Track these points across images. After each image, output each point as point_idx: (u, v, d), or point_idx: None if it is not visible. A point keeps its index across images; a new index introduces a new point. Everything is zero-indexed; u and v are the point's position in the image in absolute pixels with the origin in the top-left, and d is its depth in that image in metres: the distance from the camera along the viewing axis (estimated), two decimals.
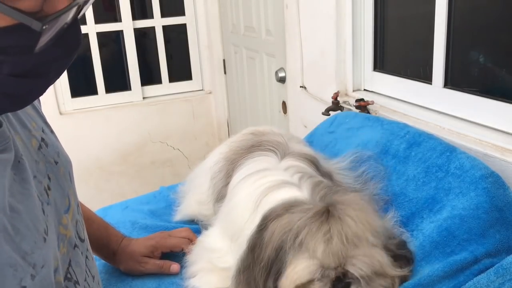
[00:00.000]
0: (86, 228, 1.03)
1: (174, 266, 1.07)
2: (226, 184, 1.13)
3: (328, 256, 0.80)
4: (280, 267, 0.83)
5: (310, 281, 0.82)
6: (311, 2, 1.86)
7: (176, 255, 1.11)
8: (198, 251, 1.05)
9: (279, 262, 0.84)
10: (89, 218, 1.04)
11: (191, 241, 1.11)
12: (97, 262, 1.13)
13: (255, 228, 0.90)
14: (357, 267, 0.80)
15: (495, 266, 0.84)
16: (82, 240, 0.78)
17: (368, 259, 0.81)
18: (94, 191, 3.01)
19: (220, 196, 1.14)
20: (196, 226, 1.24)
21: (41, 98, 0.70)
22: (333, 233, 0.81)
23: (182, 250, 1.09)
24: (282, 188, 0.96)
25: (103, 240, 1.06)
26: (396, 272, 0.85)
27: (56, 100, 2.83)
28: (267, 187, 0.97)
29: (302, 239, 0.82)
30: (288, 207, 0.89)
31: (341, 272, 0.81)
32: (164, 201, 1.46)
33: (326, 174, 1.11)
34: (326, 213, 0.84)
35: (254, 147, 1.15)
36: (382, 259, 0.83)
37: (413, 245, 0.94)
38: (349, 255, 0.81)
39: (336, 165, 1.22)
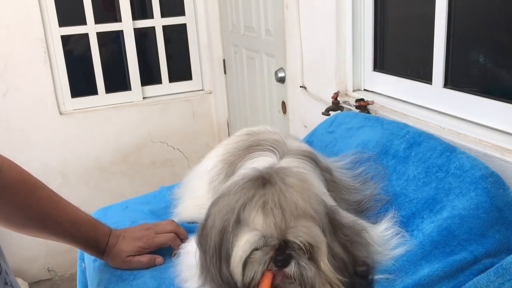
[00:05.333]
0: (74, 233, 1.05)
1: (159, 260, 1.10)
2: None
3: (268, 227, 0.79)
4: (228, 248, 0.82)
5: (254, 251, 0.80)
6: (311, 2, 1.86)
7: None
8: (182, 258, 1.05)
9: (226, 244, 0.82)
10: (76, 223, 1.05)
11: (177, 234, 1.13)
12: (97, 262, 1.14)
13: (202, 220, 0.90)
14: (298, 237, 0.78)
15: (495, 266, 0.84)
16: None
17: (307, 230, 0.79)
18: (94, 191, 3.01)
19: None
20: (196, 226, 1.24)
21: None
22: (270, 202, 0.79)
23: (170, 246, 1.12)
24: (258, 157, 0.95)
25: (91, 242, 1.08)
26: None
27: (56, 100, 2.83)
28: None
29: (239, 215, 0.81)
30: (235, 183, 0.88)
31: (282, 241, 0.79)
32: (164, 201, 1.46)
33: (326, 170, 1.11)
34: (261, 180, 0.83)
35: (252, 147, 1.14)
36: (320, 235, 0.80)
37: (413, 244, 0.94)
38: (289, 226, 0.79)
39: (335, 163, 1.22)
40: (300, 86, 2.04)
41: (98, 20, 2.89)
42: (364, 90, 1.74)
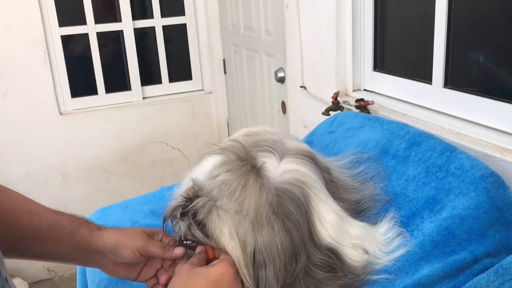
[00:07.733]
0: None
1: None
2: None
3: (206, 183, 0.84)
4: None
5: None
6: (311, 2, 1.86)
7: None
8: None
9: None
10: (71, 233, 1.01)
11: None
12: None
13: None
14: (206, 218, 0.81)
15: (495, 266, 0.84)
16: None
17: (218, 224, 0.81)
18: (94, 191, 3.01)
19: None
20: None
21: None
22: (232, 176, 0.82)
23: None
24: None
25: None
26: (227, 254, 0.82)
27: (56, 100, 2.83)
28: None
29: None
30: None
31: (197, 203, 0.82)
32: (164, 201, 1.45)
33: (325, 170, 1.11)
34: (247, 161, 0.85)
35: (251, 148, 1.14)
36: (238, 253, 0.81)
37: (413, 244, 0.94)
38: (215, 199, 0.82)
39: (334, 163, 1.22)
40: (300, 86, 2.04)
41: (98, 20, 2.89)
42: (364, 90, 1.74)
